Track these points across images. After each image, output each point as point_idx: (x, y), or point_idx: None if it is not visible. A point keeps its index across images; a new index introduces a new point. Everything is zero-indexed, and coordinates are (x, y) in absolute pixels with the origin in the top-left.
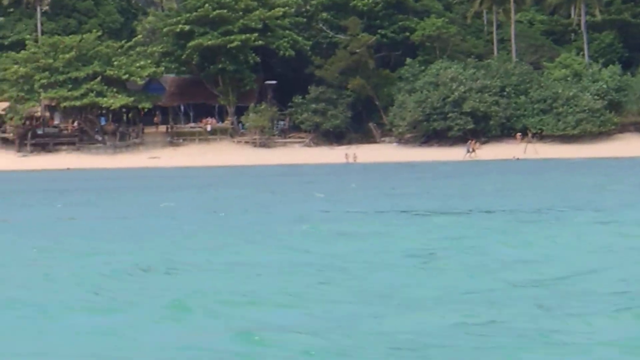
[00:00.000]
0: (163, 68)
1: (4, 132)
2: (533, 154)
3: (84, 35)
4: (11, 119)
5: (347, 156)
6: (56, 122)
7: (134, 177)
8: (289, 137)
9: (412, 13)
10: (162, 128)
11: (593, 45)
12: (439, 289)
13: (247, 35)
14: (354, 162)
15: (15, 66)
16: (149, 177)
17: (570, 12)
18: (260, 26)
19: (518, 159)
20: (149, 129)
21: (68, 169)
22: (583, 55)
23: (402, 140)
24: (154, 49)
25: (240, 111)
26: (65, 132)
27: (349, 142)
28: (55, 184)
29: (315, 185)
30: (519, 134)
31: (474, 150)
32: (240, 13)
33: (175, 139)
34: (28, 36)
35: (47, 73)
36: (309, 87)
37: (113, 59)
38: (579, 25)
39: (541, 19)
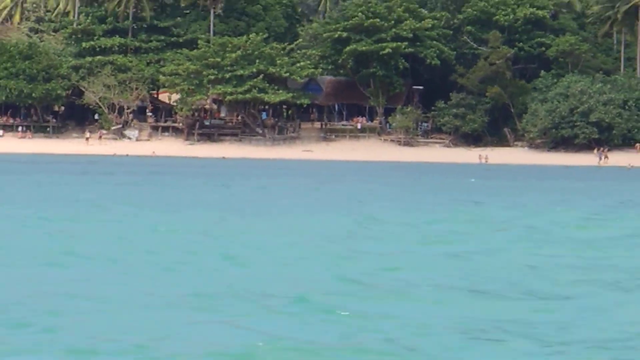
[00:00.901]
0: (321, 69)
1: (174, 121)
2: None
3: (251, 36)
4: (181, 109)
5: (480, 157)
6: (222, 114)
7: (299, 170)
8: (431, 138)
9: (549, 30)
10: (317, 124)
11: None
12: None
13: (398, 43)
14: (486, 162)
15: (188, 62)
16: (304, 167)
17: None
18: (410, 35)
19: (632, 166)
20: (305, 125)
21: (223, 157)
22: None
23: (532, 145)
24: (314, 52)
25: (388, 112)
26: (229, 124)
27: (485, 145)
28: (238, 168)
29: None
30: (638, 144)
31: (606, 157)
32: (392, 22)
33: (328, 134)
34: (201, 36)
35: (215, 70)
36: (451, 93)
37: (276, 59)
38: None
39: None
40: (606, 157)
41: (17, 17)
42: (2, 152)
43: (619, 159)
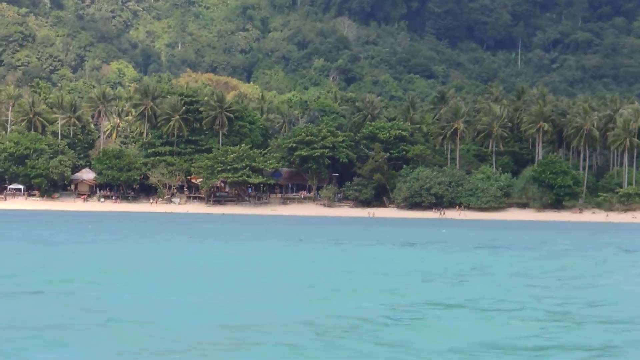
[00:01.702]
0: (281, 164)
1: (200, 194)
2: (463, 216)
3: (242, 146)
4: (203, 187)
5: (369, 213)
6: (226, 189)
7: (268, 220)
8: (342, 202)
9: (408, 142)
10: (279, 195)
11: (498, 162)
12: None
13: (323, 150)
14: (373, 216)
15: (207, 161)
16: (276, 220)
17: (489, 144)
18: (330, 145)
19: (462, 214)
20: (273, 196)
21: (223, 214)
22: (491, 167)
23: (399, 207)
24: (277, 154)
25: (318, 188)
26: (230, 195)
27: (373, 207)
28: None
29: (361, 223)
30: (457, 206)
31: (444, 213)
32: (320, 138)
33: (285, 201)
34: (215, 145)
35: (222, 165)
36: (353, 177)
37: (256, 158)
38: (492, 152)
39: (473, 148)
40: (443, 213)
41: (114, 136)
42: (104, 210)
43: (448, 214)
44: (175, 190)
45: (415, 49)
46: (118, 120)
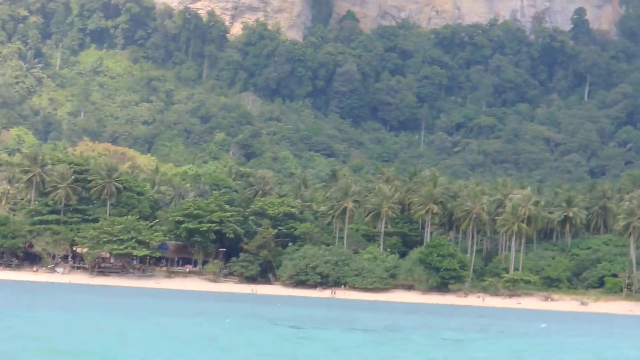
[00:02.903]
0: (168, 237)
1: (84, 263)
2: (347, 295)
3: (128, 217)
4: (88, 257)
5: (253, 289)
6: (111, 260)
7: (151, 294)
8: (228, 278)
9: (297, 219)
10: (165, 268)
11: (387, 243)
12: None
13: (210, 224)
14: (255, 292)
15: (92, 230)
16: (152, 292)
17: (377, 225)
18: (218, 220)
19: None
20: (159, 269)
21: (104, 285)
22: (380, 247)
23: (284, 284)
24: (164, 227)
25: (204, 262)
26: (115, 266)
27: (258, 283)
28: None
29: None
30: (343, 285)
31: (334, 293)
32: (208, 212)
33: (170, 274)
34: (101, 216)
35: (107, 235)
36: (240, 253)
37: (142, 231)
38: (380, 232)
39: (362, 228)
40: (334, 293)
41: (3, 202)
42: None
43: (339, 294)
44: (59, 260)
45: (318, 127)
46: (9, 187)
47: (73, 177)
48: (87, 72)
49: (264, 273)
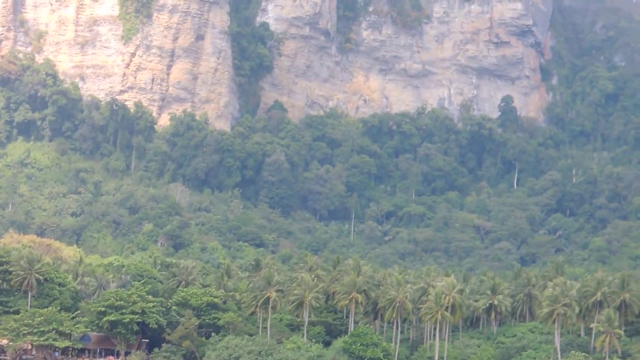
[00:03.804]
0: (90, 329)
1: (5, 355)
2: None
3: (49, 309)
4: (9, 349)
5: None
6: (33, 352)
7: None
8: None
9: (221, 309)
10: (87, 359)
11: (311, 333)
12: None
13: (133, 315)
14: None
15: (12, 322)
16: None
17: (302, 313)
18: (140, 311)
19: None
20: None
21: None
22: (303, 337)
23: None
24: (86, 318)
25: (127, 354)
26: (37, 358)
27: None
28: None
29: None
30: None
31: None
32: (131, 303)
33: None
34: (22, 308)
35: (27, 327)
36: (162, 343)
37: (64, 323)
38: (304, 322)
39: (286, 317)
40: None
41: None
42: None
43: None
44: None
45: (247, 217)
46: None
47: None
48: (15, 164)
49: None
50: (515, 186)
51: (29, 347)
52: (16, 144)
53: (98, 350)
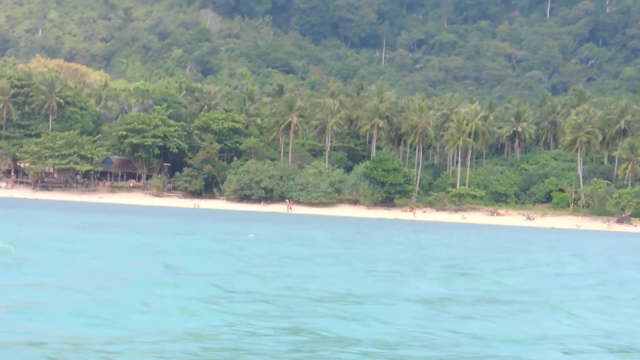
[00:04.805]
0: (111, 152)
1: (27, 178)
2: (290, 211)
3: (70, 132)
4: (30, 172)
5: (195, 204)
6: (55, 175)
7: (97, 209)
8: (172, 192)
9: (242, 134)
10: (108, 183)
11: (333, 158)
12: None
13: (154, 139)
14: (198, 207)
15: (33, 145)
16: (97, 207)
17: (325, 139)
18: (162, 135)
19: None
20: (102, 184)
21: (38, 199)
22: (325, 162)
23: (229, 199)
24: (108, 142)
25: (148, 177)
26: (58, 181)
27: (203, 197)
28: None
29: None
30: (287, 199)
31: (291, 208)
32: (152, 127)
33: (114, 189)
34: (44, 131)
35: (49, 150)
36: (184, 167)
37: (85, 146)
38: (325, 147)
39: (308, 143)
40: (291, 207)
41: None
42: None
43: (280, 207)
44: (1, 175)
45: (277, 44)
46: None
47: (12, 91)
48: None
49: (209, 188)
50: (548, 15)
51: (51, 170)
52: None
53: (120, 173)
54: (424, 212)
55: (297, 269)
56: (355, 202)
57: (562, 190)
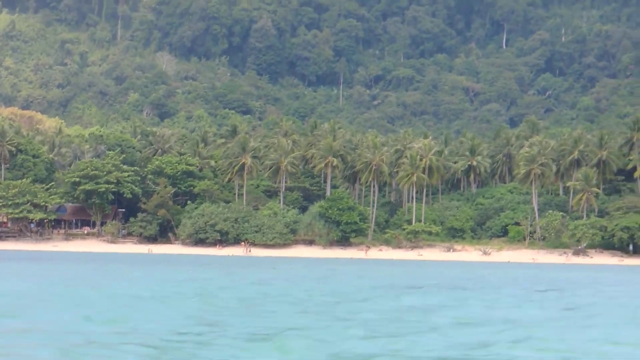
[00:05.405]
0: (65, 199)
1: None
2: (249, 253)
3: (22, 181)
4: None
5: (149, 249)
6: (9, 225)
7: (59, 257)
8: (126, 238)
9: (197, 177)
10: (63, 231)
11: (288, 198)
12: None
13: (108, 185)
14: (151, 252)
15: None
16: (52, 255)
17: (279, 179)
18: (115, 181)
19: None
20: (57, 232)
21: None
22: (280, 203)
23: (184, 243)
24: (61, 189)
25: (102, 224)
26: (13, 230)
27: (158, 242)
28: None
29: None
30: (243, 242)
31: (250, 250)
32: (105, 173)
33: (69, 237)
34: None
35: (2, 200)
36: (138, 212)
37: (38, 194)
38: (281, 188)
39: (263, 184)
40: (249, 250)
41: None
42: None
43: (236, 250)
44: None
45: (234, 85)
46: None
47: None
48: (0, 36)
49: (164, 232)
50: (504, 47)
51: (5, 219)
52: (1, 17)
53: (74, 221)
54: (380, 250)
55: None
56: (310, 242)
57: (518, 224)
